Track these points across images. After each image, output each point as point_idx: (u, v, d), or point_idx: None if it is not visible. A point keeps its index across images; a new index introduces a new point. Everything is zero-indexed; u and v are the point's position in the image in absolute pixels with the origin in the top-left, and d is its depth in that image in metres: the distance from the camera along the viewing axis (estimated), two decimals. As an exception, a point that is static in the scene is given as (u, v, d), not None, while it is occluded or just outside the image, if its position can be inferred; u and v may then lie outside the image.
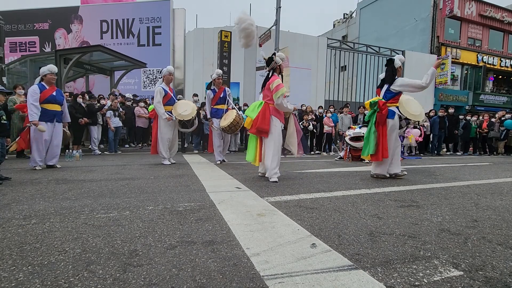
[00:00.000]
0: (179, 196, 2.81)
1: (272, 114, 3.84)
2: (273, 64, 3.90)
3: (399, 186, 3.62)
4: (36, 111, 4.48)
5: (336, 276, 1.31)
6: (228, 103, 5.83)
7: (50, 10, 15.11)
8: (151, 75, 14.23)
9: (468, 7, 19.83)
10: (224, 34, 12.14)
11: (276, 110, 3.87)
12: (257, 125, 3.81)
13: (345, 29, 27.09)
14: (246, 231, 1.87)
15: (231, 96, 5.98)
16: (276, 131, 3.84)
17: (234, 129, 5.58)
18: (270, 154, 3.83)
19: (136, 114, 9.09)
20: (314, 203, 2.63)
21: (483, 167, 6.10)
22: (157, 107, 5.32)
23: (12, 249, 1.56)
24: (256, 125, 3.82)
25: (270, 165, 3.80)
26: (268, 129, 3.81)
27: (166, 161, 5.50)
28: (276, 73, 3.95)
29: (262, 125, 3.78)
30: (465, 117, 11.38)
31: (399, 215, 2.31)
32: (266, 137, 3.89)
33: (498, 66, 21.35)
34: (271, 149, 3.83)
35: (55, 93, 4.77)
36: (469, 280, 1.31)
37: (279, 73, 3.98)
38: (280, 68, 3.99)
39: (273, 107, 3.86)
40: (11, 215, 2.17)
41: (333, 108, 10.23)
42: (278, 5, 11.12)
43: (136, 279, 1.26)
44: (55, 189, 3.12)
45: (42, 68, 4.77)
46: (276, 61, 3.90)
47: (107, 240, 1.70)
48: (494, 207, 2.64)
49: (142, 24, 14.27)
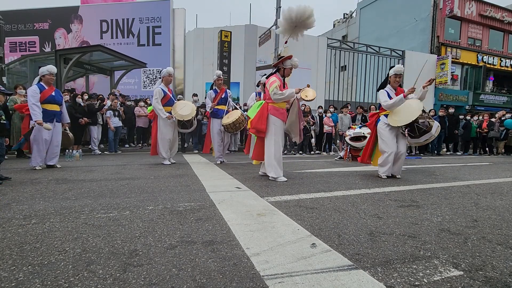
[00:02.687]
0: (179, 196, 2.81)
1: (270, 113, 3.83)
2: (279, 64, 3.89)
3: (399, 186, 3.62)
4: (39, 111, 4.49)
5: (336, 276, 1.31)
6: (229, 104, 5.85)
7: (50, 10, 15.09)
8: (151, 75, 14.22)
9: (468, 7, 19.82)
10: (224, 34, 12.13)
11: (275, 109, 3.85)
12: (254, 125, 3.87)
13: (345, 29, 27.09)
14: (246, 231, 1.87)
15: (231, 97, 6.02)
16: (275, 130, 3.83)
17: (236, 128, 5.58)
18: (271, 154, 3.82)
19: (136, 114, 9.09)
20: (314, 203, 2.63)
21: (483, 167, 6.10)
22: (155, 107, 5.28)
23: (12, 249, 1.56)
24: (253, 124, 3.89)
25: (272, 163, 3.81)
26: (264, 129, 3.82)
27: (166, 161, 5.50)
28: (280, 74, 3.93)
29: (258, 124, 3.83)
30: (465, 117, 11.38)
31: (399, 215, 2.31)
32: (264, 136, 3.92)
33: (498, 66, 21.34)
34: (271, 149, 3.83)
35: (54, 93, 4.77)
36: (469, 280, 1.31)
37: (283, 75, 3.93)
38: (285, 71, 3.93)
39: (272, 106, 3.85)
40: (11, 215, 2.17)
41: (333, 108, 10.23)
42: (278, 5, 11.13)
43: (136, 279, 1.26)
44: (55, 189, 3.12)
45: (41, 68, 4.77)
46: (285, 63, 3.87)
47: (107, 240, 1.70)
48: (494, 207, 2.64)
49: (142, 24, 14.26)
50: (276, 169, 3.81)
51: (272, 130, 3.83)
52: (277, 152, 3.85)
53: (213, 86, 5.84)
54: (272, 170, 3.81)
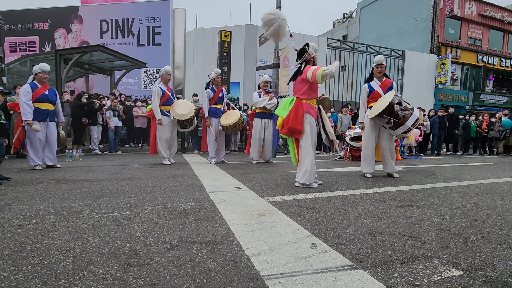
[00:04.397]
0: (179, 196, 2.81)
1: (305, 111, 3.36)
2: (307, 56, 3.42)
3: (399, 186, 3.62)
4: (29, 110, 4.42)
5: (336, 276, 1.31)
6: (225, 103, 5.83)
7: (50, 10, 15.10)
8: (151, 75, 14.22)
9: (468, 7, 19.83)
10: (224, 34, 12.13)
11: (309, 106, 3.41)
12: (289, 125, 3.33)
13: (345, 29, 27.10)
14: (246, 231, 1.87)
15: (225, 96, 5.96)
16: (311, 129, 3.38)
17: (236, 129, 5.59)
18: (309, 157, 3.36)
19: (134, 114, 9.09)
20: (314, 203, 2.63)
21: (483, 167, 6.10)
22: (155, 111, 5.28)
23: (12, 249, 1.56)
24: (288, 124, 3.34)
25: (311, 169, 3.34)
26: (301, 129, 3.34)
27: (166, 161, 5.50)
28: (310, 65, 3.44)
29: (294, 124, 3.31)
30: (465, 117, 11.38)
31: (399, 215, 2.31)
32: (300, 137, 3.41)
33: (498, 66, 21.35)
34: (309, 151, 3.38)
35: (47, 92, 4.71)
36: (469, 280, 1.31)
37: (313, 65, 3.46)
38: (314, 59, 3.50)
39: (306, 103, 3.40)
40: (11, 215, 2.17)
41: (333, 108, 10.23)
42: (278, 5, 11.11)
43: (136, 279, 1.26)
44: (55, 189, 3.12)
45: (34, 66, 4.73)
46: (310, 52, 3.43)
47: (107, 240, 1.70)
48: (494, 207, 2.64)
49: (142, 24, 14.26)
50: (310, 176, 3.38)
51: (308, 129, 3.37)
52: (313, 155, 3.44)
53: (210, 84, 5.73)
54: (305, 176, 3.36)
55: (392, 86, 4.27)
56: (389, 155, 4.29)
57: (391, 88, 4.24)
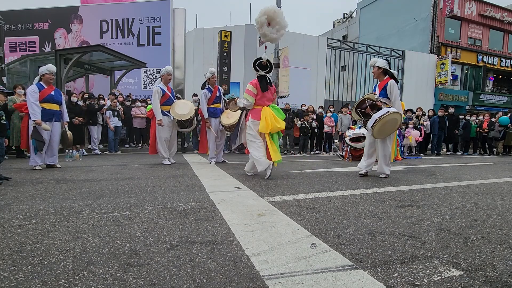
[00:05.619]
0: (179, 196, 2.81)
1: None
2: None
3: (399, 186, 3.62)
4: (38, 110, 4.50)
5: (336, 276, 1.31)
6: (223, 102, 5.81)
7: (50, 10, 15.08)
8: (151, 75, 14.21)
9: (468, 7, 19.82)
10: (224, 34, 12.13)
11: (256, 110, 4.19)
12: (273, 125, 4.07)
13: (345, 29, 27.09)
14: (246, 231, 1.87)
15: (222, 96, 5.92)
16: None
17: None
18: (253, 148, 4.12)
19: (133, 114, 9.09)
20: (314, 203, 2.63)
21: (483, 167, 6.10)
22: (156, 111, 5.28)
23: (12, 249, 1.56)
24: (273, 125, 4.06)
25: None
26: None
27: (166, 161, 5.50)
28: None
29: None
30: (465, 117, 11.38)
31: (399, 215, 2.31)
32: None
33: (498, 66, 21.35)
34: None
35: (53, 92, 4.77)
36: (469, 280, 1.31)
37: None
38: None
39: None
40: (11, 215, 2.17)
41: (332, 108, 10.24)
42: (278, 5, 11.11)
43: (136, 279, 1.26)
44: (55, 189, 3.12)
45: (41, 67, 4.78)
46: None
47: (107, 240, 1.70)
48: (494, 207, 2.64)
49: (142, 24, 14.25)
50: None
51: None
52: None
53: (206, 84, 5.65)
54: None
55: (386, 86, 4.26)
56: (381, 159, 4.31)
57: (385, 87, 4.25)
